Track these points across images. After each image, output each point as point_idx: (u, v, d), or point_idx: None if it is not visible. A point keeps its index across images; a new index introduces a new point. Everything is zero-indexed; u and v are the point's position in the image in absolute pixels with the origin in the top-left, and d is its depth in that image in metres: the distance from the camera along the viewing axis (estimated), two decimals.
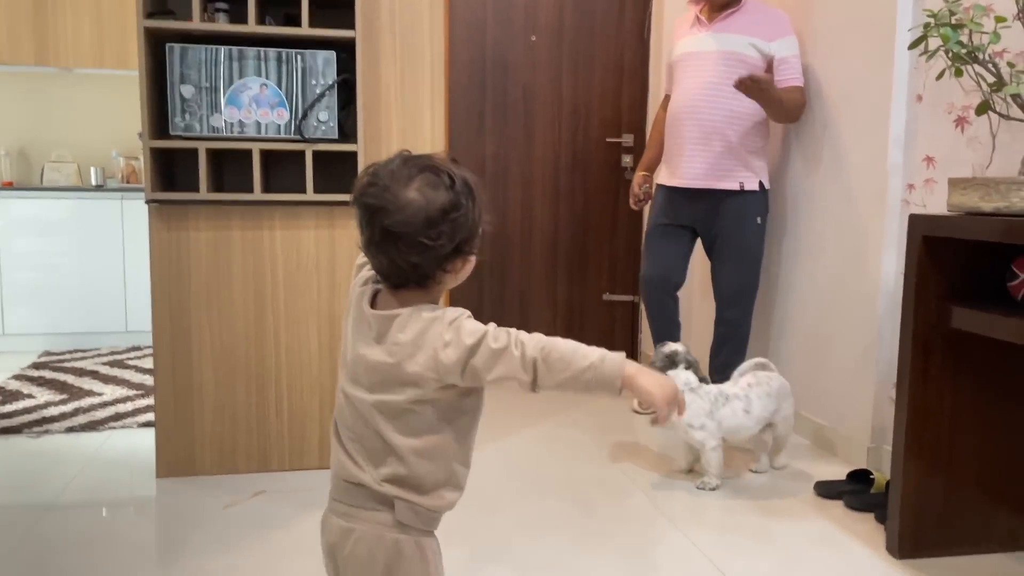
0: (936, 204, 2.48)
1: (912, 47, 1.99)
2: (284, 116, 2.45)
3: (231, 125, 2.43)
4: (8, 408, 3.26)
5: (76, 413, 3.21)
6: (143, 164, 2.40)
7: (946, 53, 1.89)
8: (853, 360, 2.81)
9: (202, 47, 2.38)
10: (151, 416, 3.02)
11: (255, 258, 2.55)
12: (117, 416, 3.18)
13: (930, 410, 2.02)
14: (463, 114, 4.08)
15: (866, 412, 2.73)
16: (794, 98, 2.89)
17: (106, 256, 4.55)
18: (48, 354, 4.39)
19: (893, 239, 2.64)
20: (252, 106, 2.43)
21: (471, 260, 1.14)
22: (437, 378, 1.08)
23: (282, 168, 2.63)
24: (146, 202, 2.44)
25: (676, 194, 3.05)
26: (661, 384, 1.10)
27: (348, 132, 2.57)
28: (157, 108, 2.45)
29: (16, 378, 3.79)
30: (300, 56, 2.44)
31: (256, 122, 2.44)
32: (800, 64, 2.94)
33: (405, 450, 1.11)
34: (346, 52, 2.51)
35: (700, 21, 3.00)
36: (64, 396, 3.46)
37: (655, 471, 2.70)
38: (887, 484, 2.34)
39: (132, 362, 4.17)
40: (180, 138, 2.42)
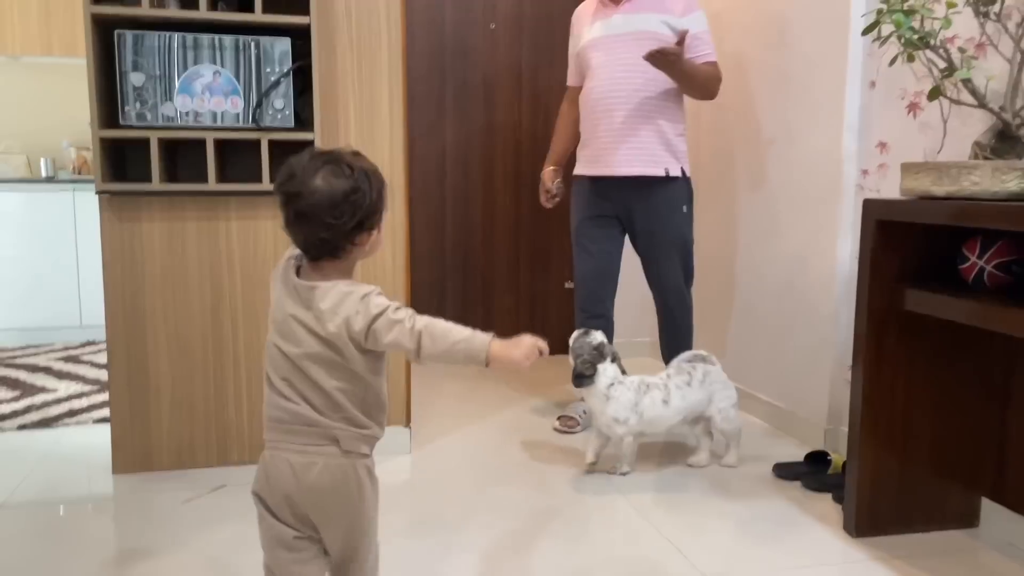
0: (889, 189, 2.52)
1: (865, 33, 2.01)
2: (238, 104, 2.41)
3: (184, 114, 2.38)
4: None
5: (29, 410, 3.14)
6: (93, 155, 2.34)
7: (899, 39, 1.91)
8: (811, 343, 2.85)
9: (152, 34, 2.33)
10: (107, 412, 2.96)
11: (211, 250, 2.51)
12: (71, 412, 3.11)
13: (884, 391, 2.06)
14: (422, 101, 4.05)
15: (823, 394, 2.78)
16: (709, 71, 2.78)
17: (58, 249, 4.45)
18: (0, 350, 4.28)
19: (848, 224, 2.68)
20: (205, 94, 2.39)
21: (378, 234, 1.40)
22: (349, 338, 1.34)
23: (238, 158, 2.58)
24: (96, 193, 2.39)
25: (601, 184, 2.89)
26: (516, 344, 1.37)
27: (305, 120, 2.53)
28: (107, 97, 2.39)
29: None
30: (254, 43, 2.39)
31: (210, 111, 2.39)
32: (710, 38, 2.82)
33: (335, 391, 1.35)
34: (301, 38, 2.47)
35: (605, 4, 2.86)
36: (16, 393, 3.38)
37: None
38: (844, 465, 2.38)
39: (87, 357, 4.09)
40: (131, 128, 2.37)
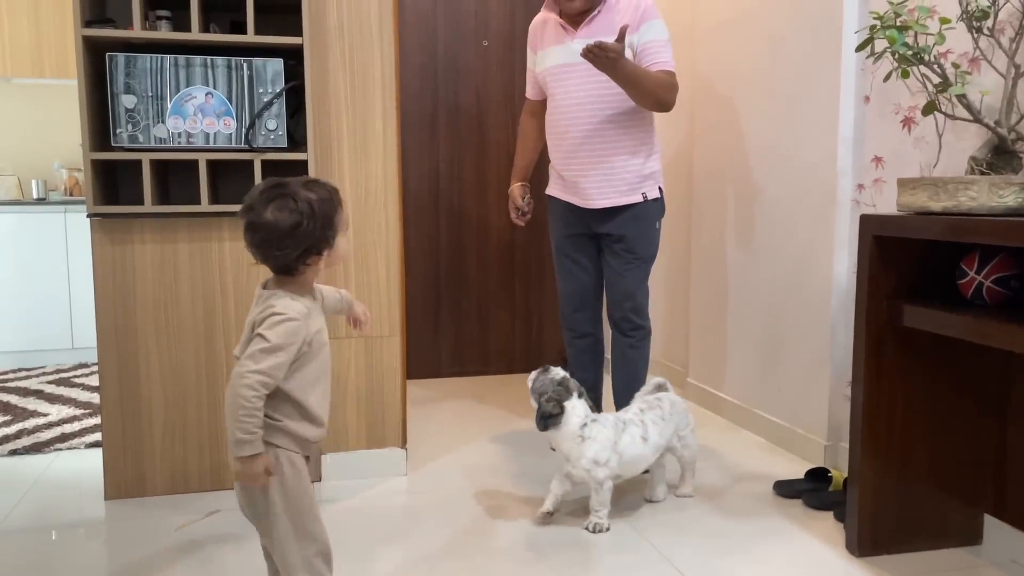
0: (885, 203, 2.51)
1: (859, 49, 2.01)
2: (231, 125, 2.40)
3: (176, 135, 2.36)
4: None
5: (20, 435, 3.10)
6: (84, 177, 2.33)
7: (892, 55, 1.91)
8: (808, 358, 2.84)
9: (144, 56, 2.32)
10: (99, 436, 2.93)
11: (204, 271, 2.49)
12: (63, 437, 3.07)
13: (884, 408, 2.04)
14: (415, 119, 4.04)
15: (822, 410, 2.76)
16: (660, 78, 2.56)
17: (50, 271, 4.42)
18: None
19: (844, 238, 2.67)
20: (198, 116, 2.37)
21: (330, 252, 1.56)
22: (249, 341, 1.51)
23: (230, 178, 2.57)
24: (88, 216, 2.37)
25: (576, 208, 2.79)
26: (253, 476, 1.47)
27: (298, 140, 2.52)
28: (98, 119, 2.38)
29: None
30: (246, 64, 2.38)
31: (203, 132, 2.38)
32: (668, 48, 2.62)
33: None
34: (294, 59, 2.46)
35: (566, 29, 2.69)
36: (7, 417, 3.34)
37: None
38: (845, 482, 2.36)
39: (79, 380, 4.05)
40: (123, 149, 2.35)
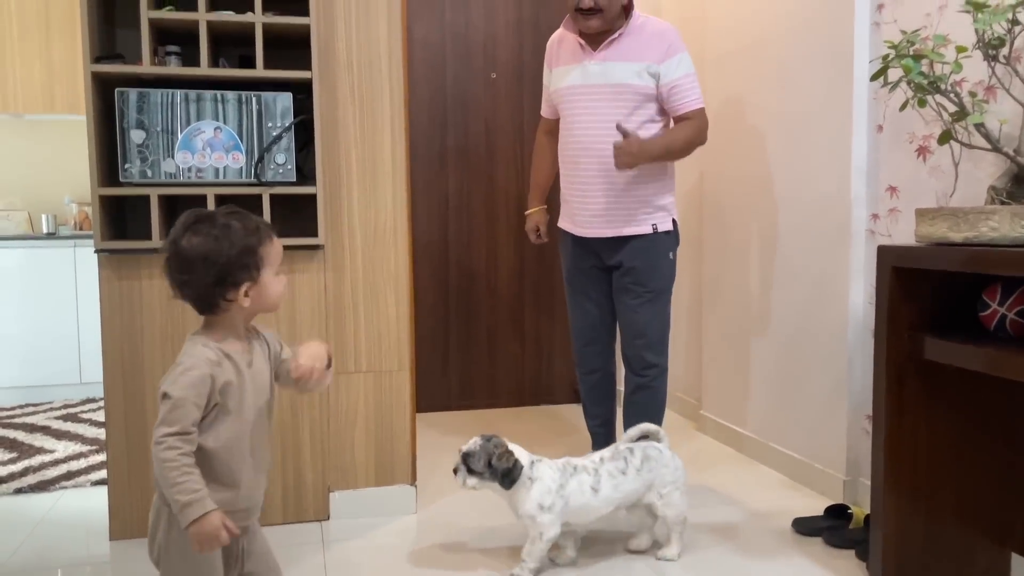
0: (901, 233, 2.48)
1: (874, 78, 1.99)
2: (240, 160, 2.39)
3: (185, 170, 2.35)
4: None
5: (26, 472, 3.06)
6: (92, 213, 2.31)
7: (908, 84, 1.88)
8: (825, 391, 2.78)
9: (153, 91, 2.32)
10: (105, 473, 2.89)
11: None
12: (69, 475, 3.04)
13: (907, 443, 1.99)
14: (424, 151, 4.04)
15: (840, 445, 2.70)
16: (687, 135, 2.60)
17: (58, 305, 4.41)
18: None
19: (860, 269, 2.64)
20: (206, 150, 2.36)
21: (253, 287, 1.47)
22: None
23: None
24: (95, 251, 2.35)
25: (586, 239, 2.75)
26: (204, 542, 1.37)
27: (307, 174, 2.51)
28: (107, 154, 2.37)
29: None
30: (255, 98, 2.38)
31: (212, 166, 2.37)
32: (696, 82, 2.63)
33: None
34: (303, 92, 2.46)
35: (584, 48, 2.65)
36: (13, 455, 3.31)
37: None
38: (866, 519, 2.30)
39: (86, 415, 4.02)
40: (131, 184, 2.34)
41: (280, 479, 2.54)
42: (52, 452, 3.34)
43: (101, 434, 3.59)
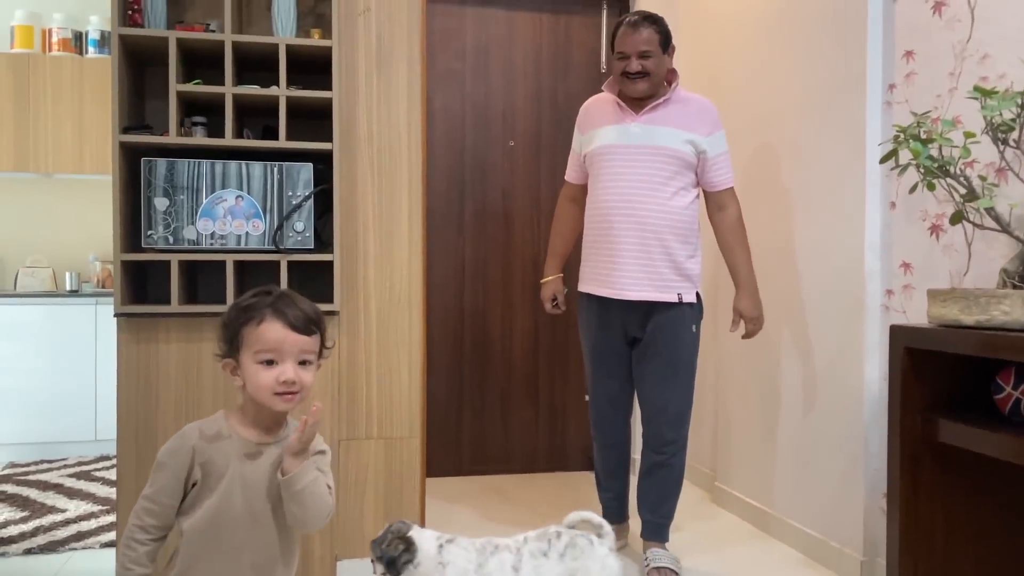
0: (915, 310, 2.47)
1: (883, 161, 2.01)
2: (260, 227, 2.44)
3: (207, 237, 2.40)
4: None
5: (36, 532, 3.06)
6: (114, 277, 2.36)
7: (917, 167, 1.90)
8: (841, 467, 2.74)
9: (179, 160, 2.38)
10: (115, 535, 2.88)
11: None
12: (79, 536, 3.03)
13: (923, 525, 1.95)
14: (442, 218, 4.09)
15: (857, 523, 2.65)
16: (742, 238, 2.78)
17: (77, 361, 4.46)
18: (13, 466, 4.23)
19: (875, 344, 2.62)
20: (227, 218, 2.42)
21: (236, 366, 1.41)
22: None
23: (258, 279, 2.59)
24: (115, 315, 2.39)
25: (609, 304, 2.72)
26: None
27: (325, 240, 2.55)
28: (131, 220, 2.43)
29: None
30: (277, 168, 2.44)
31: (232, 233, 2.42)
32: (729, 160, 2.75)
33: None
34: (323, 162, 2.52)
35: (623, 109, 2.69)
36: (25, 513, 3.31)
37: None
38: None
39: (99, 473, 4.03)
40: (152, 250, 2.39)
41: None
42: (64, 511, 3.34)
43: (113, 493, 3.59)
